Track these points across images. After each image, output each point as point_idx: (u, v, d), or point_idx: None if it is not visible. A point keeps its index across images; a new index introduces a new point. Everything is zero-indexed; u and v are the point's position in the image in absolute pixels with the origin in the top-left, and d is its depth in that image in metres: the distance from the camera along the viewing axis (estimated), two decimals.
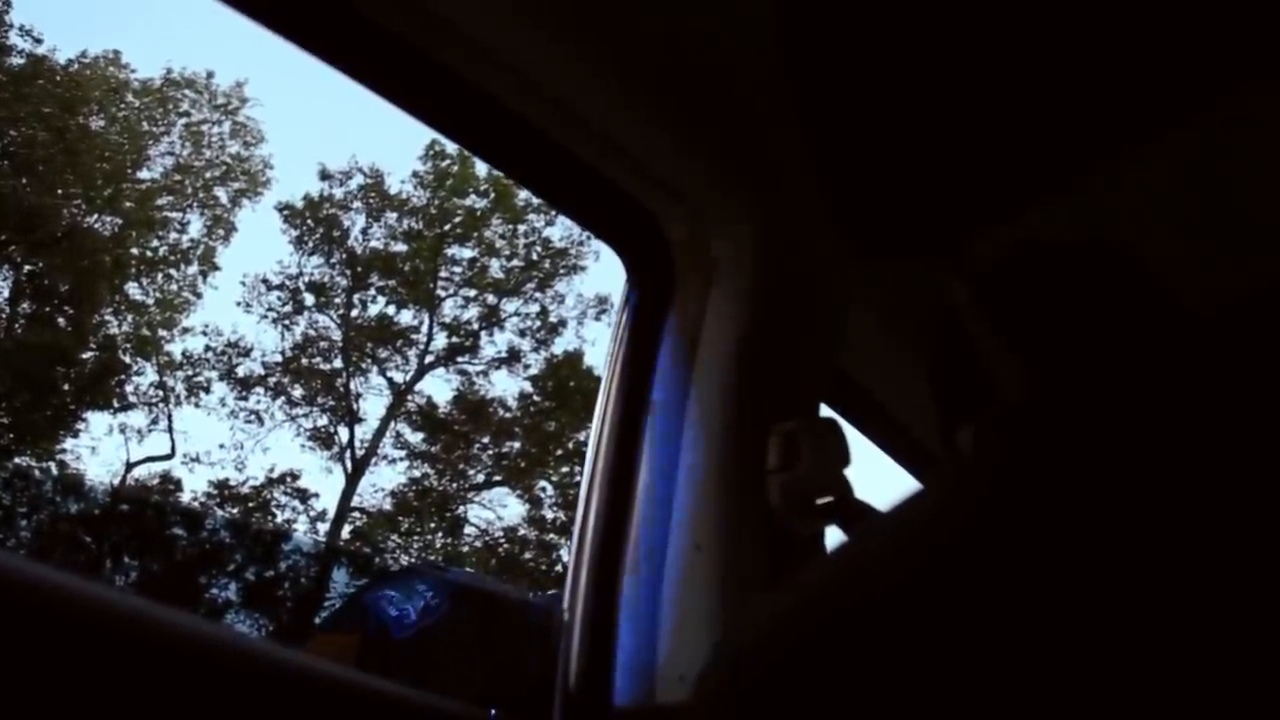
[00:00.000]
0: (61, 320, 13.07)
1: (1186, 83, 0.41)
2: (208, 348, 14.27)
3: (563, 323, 14.95)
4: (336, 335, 14.77)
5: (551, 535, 14.36)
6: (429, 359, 14.92)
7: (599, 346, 14.77)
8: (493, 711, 0.90)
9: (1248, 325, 0.35)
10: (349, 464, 14.20)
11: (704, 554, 1.03)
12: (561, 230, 14.77)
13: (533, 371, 14.93)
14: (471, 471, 14.88)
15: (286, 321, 14.64)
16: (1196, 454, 0.32)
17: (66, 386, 12.93)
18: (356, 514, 14.33)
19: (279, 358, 14.55)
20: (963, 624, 0.33)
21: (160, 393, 13.73)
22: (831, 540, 1.09)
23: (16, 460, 12.02)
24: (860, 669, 0.35)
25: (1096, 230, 0.49)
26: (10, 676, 0.54)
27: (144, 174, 13.83)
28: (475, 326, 15.09)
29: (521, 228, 15.01)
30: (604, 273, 15.43)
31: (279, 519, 13.92)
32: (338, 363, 14.72)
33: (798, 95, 0.52)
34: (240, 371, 14.41)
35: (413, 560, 13.93)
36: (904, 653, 0.34)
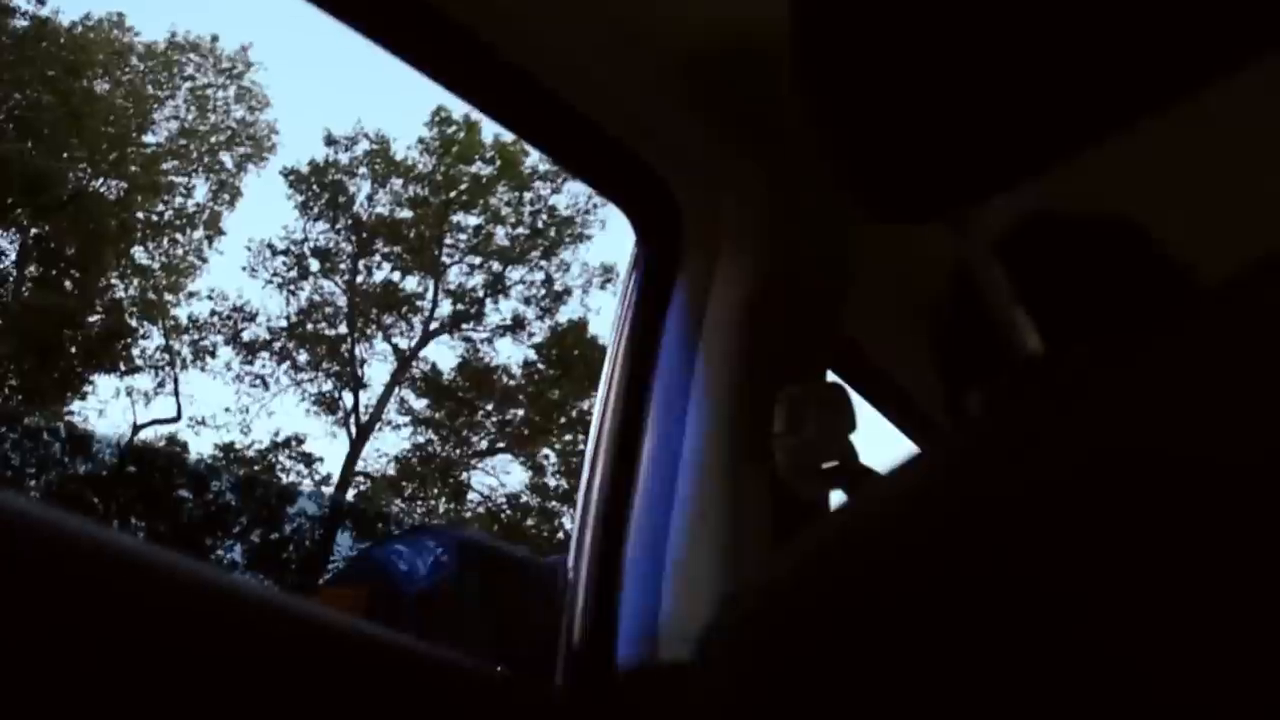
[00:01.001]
0: (68, 284, 13.06)
1: (1198, 56, 0.41)
2: (213, 312, 14.25)
3: (568, 291, 14.91)
4: (341, 301, 14.75)
5: (554, 503, 14.42)
6: (434, 326, 14.92)
7: (604, 315, 14.73)
8: (499, 668, 0.92)
9: (1257, 294, 0.35)
10: (353, 429, 14.24)
11: (708, 517, 1.04)
12: (567, 198, 14.69)
13: (537, 340, 14.92)
14: (475, 438, 14.91)
15: (292, 287, 14.61)
16: (1211, 420, 0.31)
17: (73, 349, 12.95)
18: (361, 478, 14.40)
19: (284, 323, 14.56)
20: (971, 588, 0.33)
21: (166, 356, 13.75)
22: (835, 504, 1.10)
23: (25, 421, 12.08)
24: (863, 631, 0.35)
25: (1106, 197, 0.49)
26: (33, 622, 0.55)
27: (149, 138, 13.76)
28: (480, 294, 15.06)
29: (527, 195, 14.93)
30: (610, 242, 15.34)
31: (284, 482, 13.99)
32: (343, 328, 14.72)
33: (808, 58, 0.52)
34: (245, 336, 14.40)
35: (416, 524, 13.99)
36: (908, 616, 0.34)
